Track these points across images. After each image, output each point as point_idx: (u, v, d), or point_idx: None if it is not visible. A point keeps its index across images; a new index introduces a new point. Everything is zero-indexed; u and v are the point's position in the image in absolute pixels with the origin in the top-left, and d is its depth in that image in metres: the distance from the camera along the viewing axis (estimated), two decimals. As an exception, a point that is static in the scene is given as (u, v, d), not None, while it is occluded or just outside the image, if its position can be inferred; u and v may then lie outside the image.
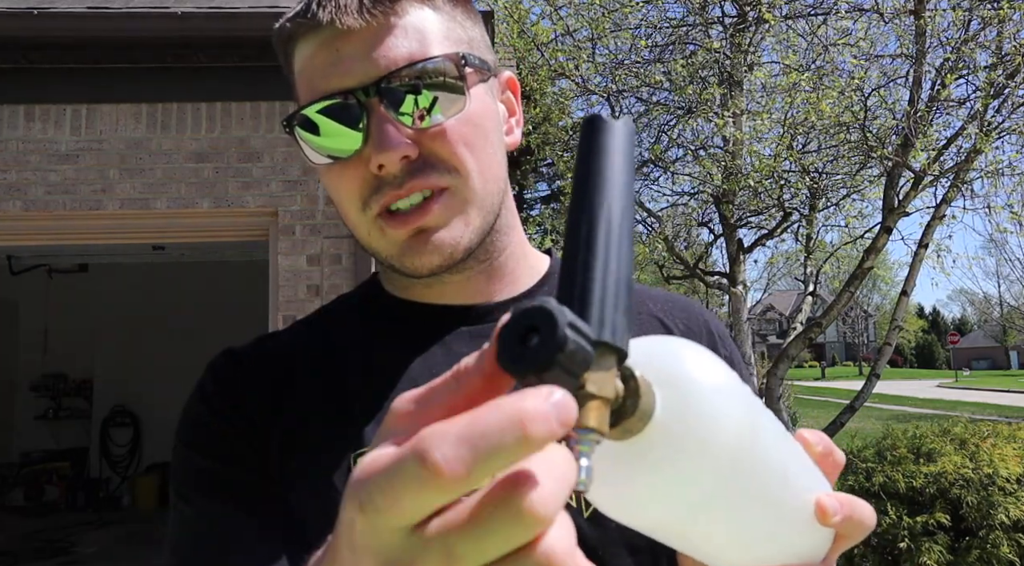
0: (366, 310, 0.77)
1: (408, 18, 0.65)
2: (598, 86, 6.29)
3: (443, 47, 0.65)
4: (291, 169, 3.86)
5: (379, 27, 0.63)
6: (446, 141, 0.64)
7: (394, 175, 0.63)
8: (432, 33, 0.65)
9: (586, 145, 0.35)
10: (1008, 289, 51.11)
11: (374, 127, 0.62)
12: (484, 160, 0.67)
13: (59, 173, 3.78)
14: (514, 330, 0.28)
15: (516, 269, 0.75)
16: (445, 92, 0.64)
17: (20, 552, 6.22)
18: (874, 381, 5.57)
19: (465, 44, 0.68)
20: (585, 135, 0.35)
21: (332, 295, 3.74)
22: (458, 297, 0.72)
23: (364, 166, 0.64)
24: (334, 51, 0.64)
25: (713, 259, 9.20)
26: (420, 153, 0.64)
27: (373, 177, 0.64)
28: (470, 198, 0.66)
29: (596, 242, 0.32)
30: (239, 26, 3.67)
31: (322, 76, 0.64)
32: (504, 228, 0.73)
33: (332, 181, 0.67)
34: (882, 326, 45.09)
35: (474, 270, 0.71)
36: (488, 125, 0.68)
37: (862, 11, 5.68)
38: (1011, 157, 5.57)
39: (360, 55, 0.63)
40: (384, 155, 0.62)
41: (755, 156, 5.68)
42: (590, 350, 0.28)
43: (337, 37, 0.63)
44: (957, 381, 36.60)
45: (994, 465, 3.84)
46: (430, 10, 0.66)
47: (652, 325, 0.75)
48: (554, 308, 0.28)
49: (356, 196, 0.66)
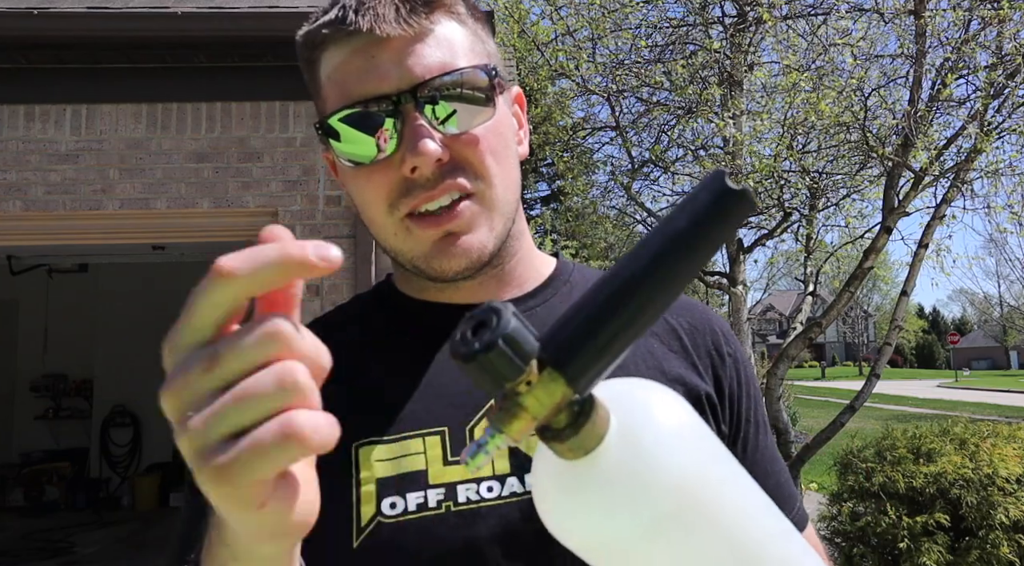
0: (380, 309, 0.79)
1: (440, 29, 0.67)
2: (598, 86, 6.29)
3: (470, 59, 0.68)
4: (291, 169, 3.87)
5: (413, 36, 0.66)
6: (476, 148, 0.67)
7: (427, 178, 0.65)
8: (461, 45, 0.68)
9: (699, 207, 0.33)
10: (1008, 289, 51.20)
11: (409, 131, 0.64)
12: (506, 168, 0.70)
13: (59, 173, 3.78)
14: (467, 322, 0.31)
15: (524, 273, 0.77)
16: (475, 101, 0.67)
17: (20, 552, 6.22)
18: (874, 381, 5.57)
19: (487, 57, 0.71)
20: (707, 195, 0.33)
21: (332, 295, 3.75)
22: (469, 299, 0.74)
23: (394, 169, 0.66)
24: (369, 58, 0.65)
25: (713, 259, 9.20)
26: (451, 158, 0.66)
27: (402, 180, 0.66)
28: (494, 204, 0.69)
29: (606, 295, 0.33)
30: (239, 26, 3.67)
31: (357, 81, 0.66)
32: (516, 234, 0.75)
33: (359, 183, 0.69)
34: (882, 326, 45.09)
35: (487, 274, 0.73)
36: (508, 135, 0.72)
37: (862, 11, 5.69)
38: (1011, 157, 5.57)
39: (396, 62, 0.65)
40: (419, 158, 0.64)
41: (755, 156, 5.68)
42: (519, 363, 0.31)
43: (372, 44, 0.65)
44: (957, 381, 36.60)
45: (994, 465, 3.84)
46: (457, 24, 0.69)
47: (656, 324, 0.76)
48: (498, 312, 0.31)
49: (383, 198, 0.67)
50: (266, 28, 3.70)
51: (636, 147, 6.78)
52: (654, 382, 0.42)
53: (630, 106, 6.83)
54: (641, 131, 7.00)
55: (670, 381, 0.72)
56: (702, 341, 0.77)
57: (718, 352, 0.77)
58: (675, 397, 0.40)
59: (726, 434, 0.74)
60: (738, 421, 0.76)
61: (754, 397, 0.79)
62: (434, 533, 0.62)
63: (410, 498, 0.64)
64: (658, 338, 0.76)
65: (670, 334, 0.76)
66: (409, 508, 0.63)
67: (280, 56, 3.87)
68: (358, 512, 0.64)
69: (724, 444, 0.72)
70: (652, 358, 0.73)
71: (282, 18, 3.67)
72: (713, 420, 0.73)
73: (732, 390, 0.76)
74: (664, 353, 0.75)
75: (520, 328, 0.31)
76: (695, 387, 0.73)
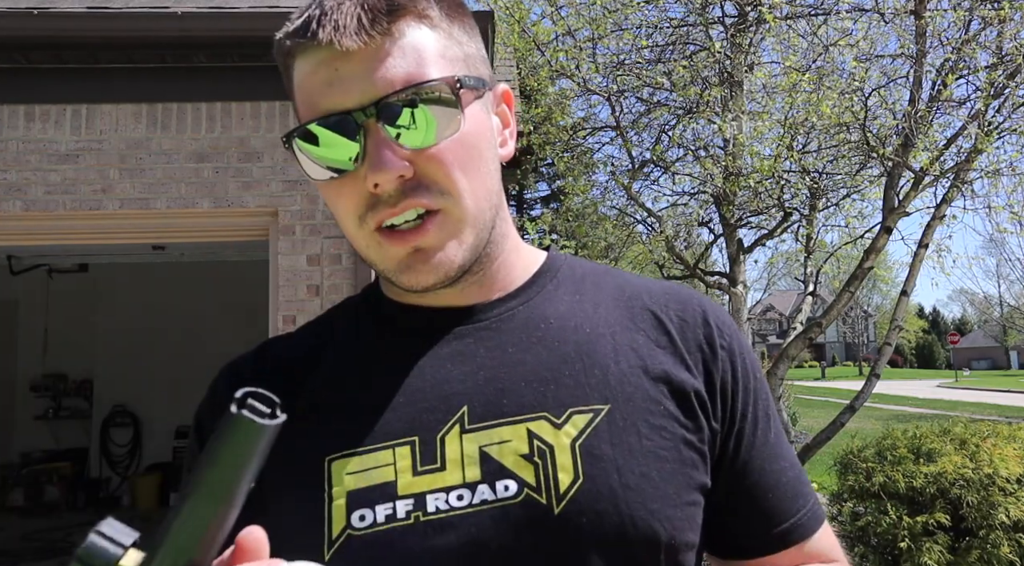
0: (366, 312, 0.79)
1: (406, 39, 0.65)
2: (599, 86, 6.29)
3: (440, 67, 0.66)
4: (291, 169, 3.86)
5: (377, 48, 0.64)
6: (440, 163, 0.65)
7: (389, 194, 0.65)
8: (429, 52, 0.66)
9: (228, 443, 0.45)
10: (1008, 289, 51.20)
11: (371, 147, 0.64)
12: (477, 180, 0.68)
13: (59, 173, 3.78)
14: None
15: (509, 274, 0.76)
16: (440, 114, 0.65)
17: (20, 552, 6.22)
18: (874, 381, 5.57)
19: (462, 62, 0.69)
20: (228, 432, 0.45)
21: (332, 295, 3.75)
22: (452, 302, 0.74)
23: (360, 183, 0.65)
24: (333, 70, 0.64)
25: (713, 259, 9.20)
26: (415, 173, 0.65)
27: (369, 194, 0.65)
28: (463, 218, 0.67)
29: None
30: (239, 26, 3.67)
31: (320, 94, 0.65)
32: (497, 239, 0.74)
33: (330, 195, 0.69)
34: (882, 326, 45.07)
35: (467, 282, 0.73)
36: (482, 144, 0.70)
37: (863, 11, 5.68)
38: (1011, 157, 5.57)
39: (358, 75, 0.64)
40: (379, 175, 0.63)
41: (755, 156, 5.68)
42: None
43: (336, 57, 0.64)
44: (957, 381, 36.60)
45: (994, 465, 3.84)
46: (427, 28, 0.67)
47: (644, 317, 0.75)
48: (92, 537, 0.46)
49: (352, 211, 0.67)
50: (266, 28, 3.68)
51: (636, 147, 6.77)
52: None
53: (630, 106, 6.83)
54: (641, 131, 7.00)
55: (654, 379, 0.70)
56: (692, 334, 0.74)
57: (710, 345, 0.74)
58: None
59: (717, 431, 0.72)
60: (731, 417, 0.73)
61: (754, 390, 0.75)
62: (403, 544, 0.62)
63: (379, 510, 0.63)
64: (644, 333, 0.74)
65: (657, 328, 0.74)
66: (378, 520, 0.63)
67: (280, 56, 3.87)
68: (329, 526, 0.64)
69: (715, 441, 0.72)
70: (635, 355, 0.71)
71: (282, 18, 3.64)
72: (704, 417, 0.71)
73: (725, 385, 0.73)
74: (650, 349, 0.72)
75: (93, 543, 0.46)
76: (682, 383, 0.71)
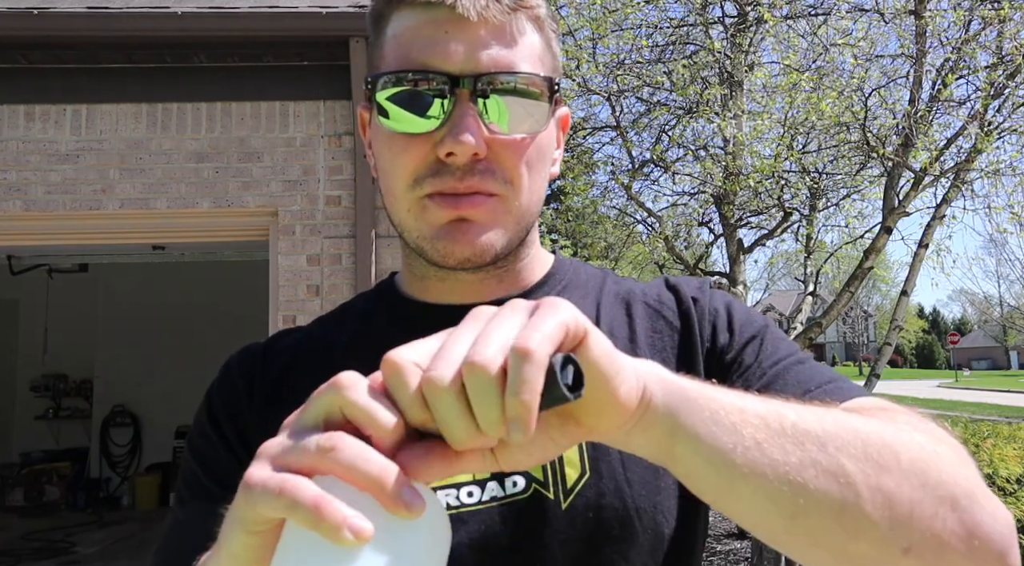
0: (381, 309, 0.79)
1: (519, 31, 0.67)
2: (599, 86, 6.29)
3: (537, 67, 0.67)
4: (291, 169, 3.86)
5: (492, 26, 0.65)
6: (515, 153, 0.66)
7: (458, 166, 0.65)
8: (533, 50, 0.68)
9: None
10: (1008, 289, 51.24)
11: (457, 115, 0.64)
12: (536, 181, 0.70)
13: (59, 173, 3.78)
14: None
15: (528, 274, 0.78)
16: (531, 108, 0.66)
17: (20, 552, 6.22)
18: (874, 381, 5.56)
19: (554, 71, 0.71)
20: None
21: (332, 295, 3.75)
22: (467, 296, 0.73)
23: (431, 147, 0.65)
24: (442, 31, 0.64)
25: (713, 259, 9.19)
26: (487, 156, 0.65)
27: (435, 160, 0.65)
28: (515, 211, 0.68)
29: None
30: (239, 26, 3.67)
31: (420, 50, 0.65)
32: (528, 242, 0.75)
33: (392, 149, 0.68)
34: (882, 326, 45.07)
35: (489, 274, 0.73)
36: (549, 150, 0.72)
37: (863, 11, 5.68)
38: (1011, 157, 5.57)
39: (466, 44, 0.64)
40: (459, 145, 0.63)
41: (755, 156, 5.68)
42: None
43: (450, 20, 0.64)
44: (957, 381, 36.61)
45: (994, 465, 3.84)
46: (536, 29, 0.69)
47: (638, 311, 0.75)
48: None
49: (411, 172, 0.67)
50: (266, 28, 3.70)
51: (636, 147, 6.77)
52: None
53: (630, 106, 6.83)
54: (641, 131, 7.00)
55: None
56: (657, 334, 0.73)
57: (669, 327, 0.73)
58: None
59: (735, 381, 0.68)
60: (728, 362, 0.70)
61: (740, 322, 0.72)
62: None
63: None
64: (641, 327, 0.74)
65: (651, 317, 0.74)
66: None
67: (280, 56, 3.87)
68: None
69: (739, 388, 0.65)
70: (633, 352, 0.70)
71: (282, 18, 3.67)
72: (720, 380, 0.64)
73: (705, 335, 0.72)
74: (648, 342, 0.73)
75: None
76: (677, 370, 0.70)
